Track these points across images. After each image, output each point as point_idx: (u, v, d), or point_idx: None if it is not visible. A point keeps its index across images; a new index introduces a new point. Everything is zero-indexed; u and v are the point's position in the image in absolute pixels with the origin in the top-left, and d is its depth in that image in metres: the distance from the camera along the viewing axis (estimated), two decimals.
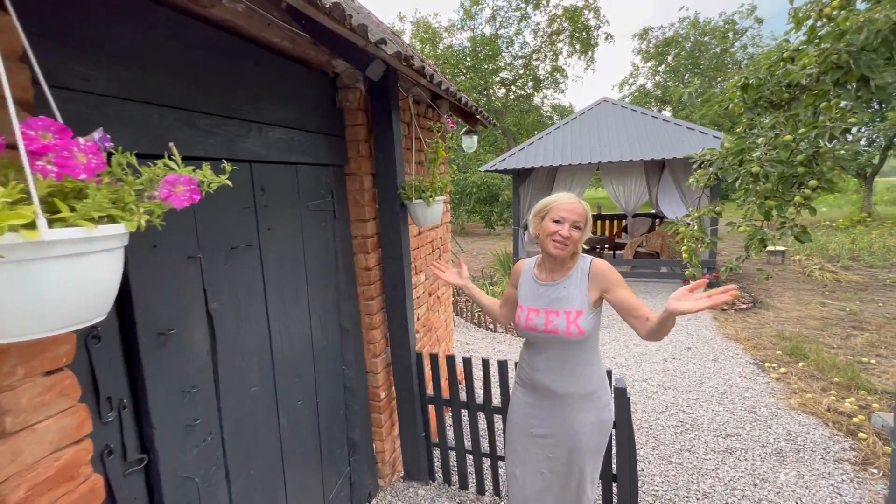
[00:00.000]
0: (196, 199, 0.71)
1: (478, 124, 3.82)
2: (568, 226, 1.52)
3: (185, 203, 0.70)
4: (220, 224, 1.35)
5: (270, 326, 1.59)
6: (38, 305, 0.56)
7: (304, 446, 1.81)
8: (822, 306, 5.75)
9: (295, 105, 1.71)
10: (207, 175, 0.73)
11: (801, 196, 2.32)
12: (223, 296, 1.36)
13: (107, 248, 0.63)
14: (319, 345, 1.93)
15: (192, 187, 0.70)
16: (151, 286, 1.12)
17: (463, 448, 2.45)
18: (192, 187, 0.70)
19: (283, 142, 1.63)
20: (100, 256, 0.62)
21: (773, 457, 2.77)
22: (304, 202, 1.80)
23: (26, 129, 0.58)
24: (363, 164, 2.12)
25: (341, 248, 2.08)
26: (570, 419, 1.63)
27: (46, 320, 0.57)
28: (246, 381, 1.47)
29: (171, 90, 1.16)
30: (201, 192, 0.72)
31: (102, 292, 0.64)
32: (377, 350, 2.29)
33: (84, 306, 0.61)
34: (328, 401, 2.00)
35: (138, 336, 1.08)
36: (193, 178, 0.70)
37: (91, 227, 0.59)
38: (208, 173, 0.73)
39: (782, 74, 2.44)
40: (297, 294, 1.76)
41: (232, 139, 1.38)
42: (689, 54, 20.70)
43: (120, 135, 1.00)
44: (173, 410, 1.18)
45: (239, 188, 1.43)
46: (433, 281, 3.20)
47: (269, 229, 1.57)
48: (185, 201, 0.70)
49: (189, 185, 0.70)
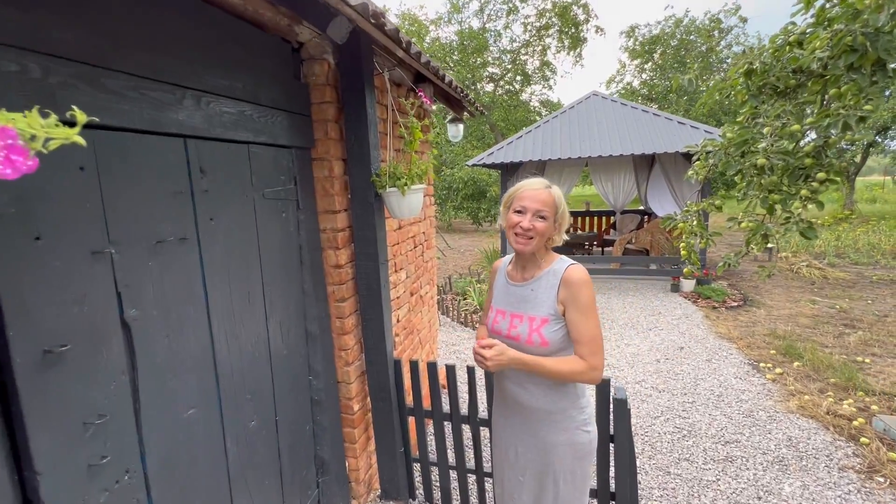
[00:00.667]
0: (19, 166, 0.46)
1: (464, 111, 3.59)
2: (530, 216, 1.32)
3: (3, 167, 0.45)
4: (142, 212, 1.09)
5: (214, 335, 1.33)
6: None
7: (259, 471, 1.56)
8: (813, 304, 5.68)
9: (247, 74, 1.44)
10: (36, 124, 0.47)
11: (808, 189, 2.15)
12: (146, 301, 1.10)
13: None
14: (280, 354, 1.68)
15: (7, 143, 0.45)
16: (34, 290, 0.86)
17: (446, 463, 2.22)
18: (7, 143, 0.45)
19: (230, 116, 1.37)
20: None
21: (775, 465, 2.61)
22: (260, 189, 1.54)
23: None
24: (333, 148, 1.86)
25: (307, 242, 1.83)
26: (539, 437, 1.44)
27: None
28: (179, 403, 1.21)
29: (62, 36, 0.90)
30: (28, 152, 0.47)
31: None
32: (350, 357, 2.05)
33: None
34: (291, 417, 1.75)
35: (12, 356, 0.82)
36: (9, 129, 0.45)
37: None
38: (37, 121, 0.47)
39: (789, 60, 2.26)
40: (251, 296, 1.51)
41: (158, 107, 1.12)
42: (674, 52, 20.74)
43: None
44: (69, 448, 0.93)
45: (168, 168, 1.17)
46: (416, 279, 2.97)
47: (211, 220, 1.32)
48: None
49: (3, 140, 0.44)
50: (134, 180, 1.07)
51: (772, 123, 2.35)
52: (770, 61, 2.37)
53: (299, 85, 1.76)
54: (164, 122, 1.13)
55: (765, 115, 2.41)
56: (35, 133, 0.47)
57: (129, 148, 1.06)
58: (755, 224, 2.31)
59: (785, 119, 2.30)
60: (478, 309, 5.77)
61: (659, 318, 5.43)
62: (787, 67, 2.28)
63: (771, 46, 2.38)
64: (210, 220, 1.31)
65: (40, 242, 0.87)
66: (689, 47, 20.55)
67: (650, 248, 7.58)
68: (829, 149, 2.18)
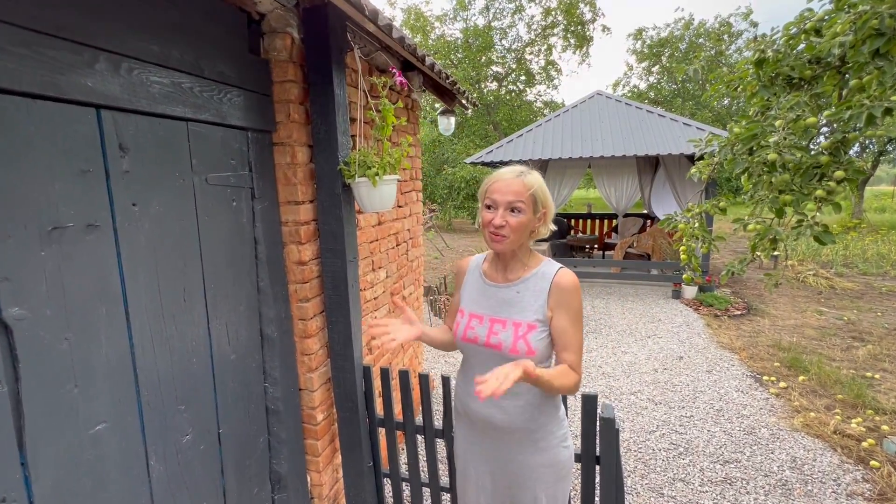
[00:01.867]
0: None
1: (456, 103, 3.41)
2: (501, 210, 1.15)
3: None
4: (32, 192, 0.92)
5: (134, 338, 1.15)
6: None
7: (194, 491, 1.38)
8: (819, 314, 5.47)
9: (187, 41, 1.27)
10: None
11: (824, 190, 1.95)
12: (36, 297, 0.93)
13: None
14: (226, 359, 1.50)
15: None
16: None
17: (419, 480, 2.04)
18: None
19: (163, 87, 1.20)
20: None
21: (778, 489, 2.41)
22: (202, 173, 1.36)
23: None
24: (296, 132, 1.69)
25: (265, 236, 1.65)
26: (517, 462, 1.27)
27: None
28: (83, 417, 1.04)
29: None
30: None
31: None
32: (314, 363, 1.87)
33: None
34: (240, 429, 1.58)
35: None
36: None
37: None
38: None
39: (805, 48, 2.06)
40: (188, 294, 1.33)
41: (61, 70, 0.95)
42: (683, 56, 20.48)
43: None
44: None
45: (73, 142, 1.00)
46: (398, 279, 2.79)
47: (133, 205, 1.14)
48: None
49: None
50: (20, 153, 0.89)
51: (785, 116, 2.16)
52: (784, 50, 2.17)
53: (258, 60, 1.58)
54: (64, 86, 0.95)
55: (777, 107, 2.22)
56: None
57: (13, 115, 0.88)
58: (763, 227, 2.12)
59: (799, 111, 2.10)
60: None
61: (658, 325, 5.23)
62: (802, 56, 2.08)
63: (785, 34, 2.18)
64: (133, 205, 1.14)
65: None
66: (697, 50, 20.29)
67: (652, 252, 7.37)
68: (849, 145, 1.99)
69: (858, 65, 1.84)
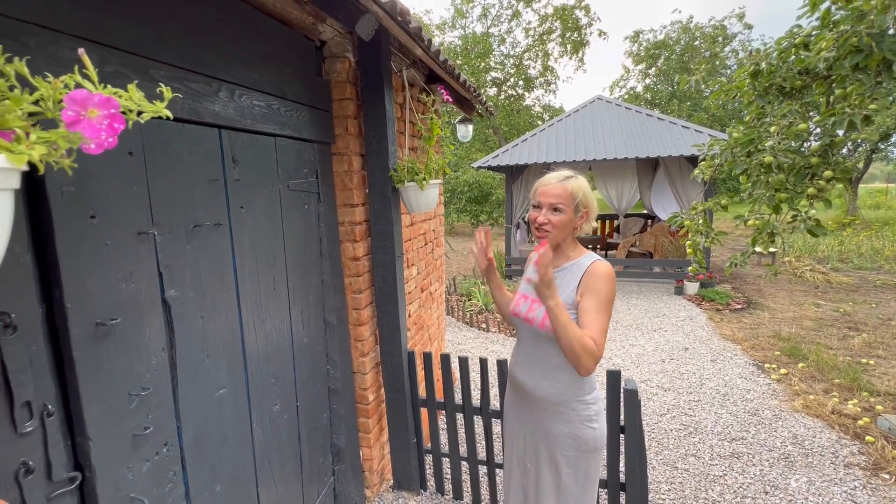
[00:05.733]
0: (118, 130, 0.51)
1: (473, 112, 3.65)
2: (545, 210, 1.36)
3: (103, 134, 0.50)
4: (181, 196, 1.15)
5: (242, 319, 1.38)
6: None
7: (281, 455, 1.60)
8: (816, 307, 5.71)
9: (274, 69, 1.50)
10: (135, 97, 0.53)
11: (815, 188, 2.19)
12: (184, 282, 1.16)
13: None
14: (301, 342, 1.72)
15: (111, 112, 0.50)
16: (88, 265, 0.91)
17: (458, 455, 2.26)
18: (111, 112, 0.50)
19: (260, 109, 1.43)
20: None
21: (781, 462, 2.64)
22: (284, 181, 1.59)
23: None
24: (352, 143, 1.92)
25: (326, 234, 1.88)
26: (543, 427, 1.45)
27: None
28: (212, 383, 1.26)
29: (115, 27, 0.96)
30: (126, 122, 0.52)
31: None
32: (365, 348, 2.09)
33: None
34: (310, 404, 1.80)
35: (69, 327, 0.87)
36: (114, 100, 0.50)
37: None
38: (136, 95, 0.53)
39: (795, 61, 2.31)
40: (276, 284, 1.56)
41: (196, 97, 1.18)
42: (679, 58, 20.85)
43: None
44: (116, 417, 0.97)
45: (205, 157, 1.23)
46: (426, 276, 3.01)
47: (241, 208, 1.37)
48: (100, 130, 0.50)
49: (107, 109, 0.50)
50: (175, 167, 1.12)
51: (779, 122, 2.40)
52: (776, 63, 2.42)
53: (321, 82, 1.82)
54: (201, 111, 1.18)
55: (772, 114, 2.46)
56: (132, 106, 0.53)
57: (171, 136, 1.11)
58: (762, 222, 2.35)
59: (791, 118, 2.35)
60: (483, 310, 5.81)
61: (663, 319, 5.46)
62: (793, 68, 2.33)
63: (777, 48, 2.43)
64: (241, 207, 1.37)
65: (95, 221, 0.92)
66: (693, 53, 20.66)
67: (654, 251, 7.61)
68: (836, 148, 2.23)
69: (841, 77, 2.10)
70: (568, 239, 1.42)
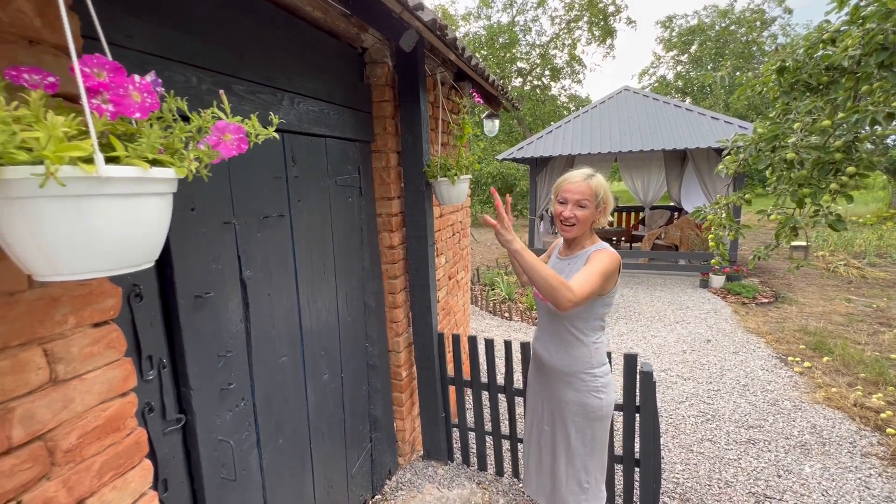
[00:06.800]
0: (244, 149, 0.70)
1: (500, 107, 3.77)
2: (571, 206, 1.51)
3: (234, 152, 0.69)
4: (253, 192, 1.35)
5: (299, 298, 1.59)
6: (93, 243, 0.55)
7: (329, 419, 1.82)
8: (848, 302, 5.60)
9: (324, 77, 1.69)
10: (255, 125, 0.72)
11: (838, 183, 2.24)
12: (256, 264, 1.37)
13: (157, 192, 0.62)
14: (345, 321, 1.93)
15: (240, 136, 0.69)
16: (189, 249, 1.12)
17: (483, 429, 2.45)
18: (240, 136, 0.69)
19: (313, 113, 1.62)
20: (151, 200, 0.61)
21: (797, 449, 2.71)
22: (332, 176, 1.79)
23: (82, 66, 0.57)
24: (390, 141, 2.10)
25: (366, 225, 2.08)
26: (555, 394, 1.66)
27: (101, 259, 0.57)
28: (276, 351, 1.48)
29: (208, 53, 1.15)
30: (249, 143, 0.71)
31: (152, 237, 0.64)
32: (399, 329, 2.29)
33: (135, 249, 0.61)
34: (352, 376, 2.01)
35: (177, 297, 1.09)
36: (242, 127, 0.69)
37: (146, 167, 0.58)
38: (256, 124, 0.72)
39: (821, 57, 2.34)
40: (325, 268, 1.76)
41: (266, 107, 1.37)
42: (713, 43, 20.09)
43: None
44: (209, 373, 1.20)
45: (271, 157, 1.43)
46: (453, 265, 3.19)
47: (299, 201, 1.57)
48: (233, 150, 0.69)
49: (238, 134, 0.69)
50: (250, 167, 1.32)
51: (802, 119, 2.44)
52: (803, 58, 2.45)
53: (363, 86, 2.00)
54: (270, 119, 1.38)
55: (796, 110, 2.50)
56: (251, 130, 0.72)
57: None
58: (784, 217, 2.41)
59: (816, 115, 2.39)
60: (506, 299, 5.96)
61: (686, 312, 5.49)
62: (820, 64, 2.37)
63: (805, 44, 2.46)
64: (298, 201, 1.57)
65: (194, 213, 1.13)
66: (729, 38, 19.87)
67: (680, 243, 7.56)
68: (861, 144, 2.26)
69: (866, 74, 2.14)
70: (587, 231, 1.57)
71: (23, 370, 0.72)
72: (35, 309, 0.73)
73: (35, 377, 0.74)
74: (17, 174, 0.48)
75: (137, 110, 0.59)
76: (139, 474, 0.91)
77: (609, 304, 1.56)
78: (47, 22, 0.75)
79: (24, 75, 0.58)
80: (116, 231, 0.56)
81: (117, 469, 0.86)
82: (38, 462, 0.74)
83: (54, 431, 0.76)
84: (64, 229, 0.52)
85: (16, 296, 0.71)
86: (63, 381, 0.78)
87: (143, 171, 0.57)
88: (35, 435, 0.74)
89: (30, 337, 0.73)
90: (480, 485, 2.38)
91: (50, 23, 0.75)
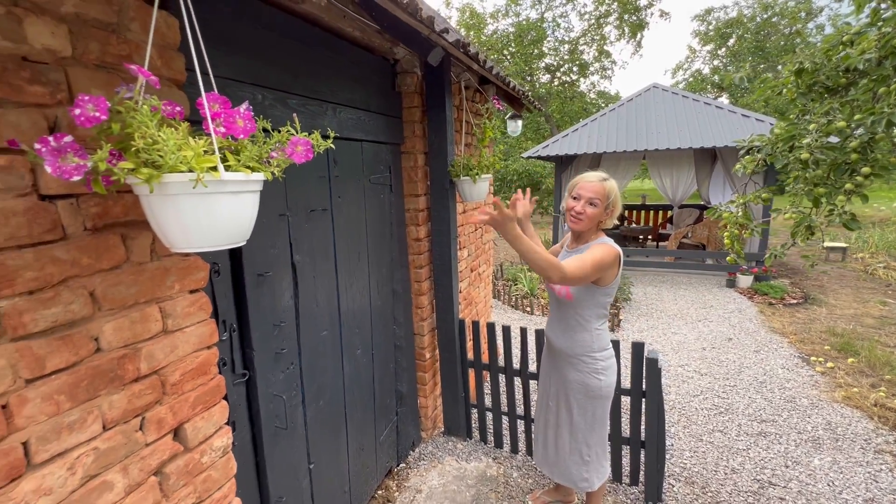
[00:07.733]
0: (310, 157, 0.93)
1: (523, 108, 3.93)
2: (583, 202, 1.67)
3: (303, 159, 0.92)
4: (303, 189, 1.59)
5: (338, 281, 1.83)
6: (215, 226, 0.79)
7: (361, 390, 2.07)
8: (883, 305, 5.45)
9: (361, 88, 1.92)
10: (318, 139, 0.95)
11: (853, 183, 2.30)
12: (304, 250, 1.61)
13: (252, 191, 0.86)
14: (375, 304, 2.17)
15: (308, 147, 0.92)
16: (254, 235, 1.36)
17: (499, 410, 2.64)
18: (308, 147, 0.92)
19: (352, 121, 1.85)
20: (249, 196, 0.85)
21: (808, 443, 2.78)
22: (367, 176, 2.02)
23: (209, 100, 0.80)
24: (417, 143, 2.31)
25: (396, 219, 2.30)
26: (561, 373, 1.84)
27: (218, 237, 0.81)
28: (319, 325, 1.72)
29: (268, 74, 1.40)
30: (314, 152, 0.94)
31: (248, 221, 0.87)
32: (424, 314, 2.52)
33: (238, 229, 0.84)
34: (381, 354, 2.25)
35: (244, 274, 1.34)
36: (309, 141, 0.92)
37: (248, 172, 0.81)
38: (318, 138, 0.95)
39: (840, 59, 2.39)
40: (360, 257, 2.00)
41: (314, 117, 1.61)
42: (753, 36, 19.32)
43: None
44: (266, 339, 1.45)
45: (317, 160, 1.67)
46: (475, 258, 3.39)
47: (339, 197, 1.81)
48: (302, 158, 0.92)
49: (306, 146, 0.91)
50: (300, 168, 1.56)
51: (818, 120, 2.51)
52: (821, 60, 2.51)
53: (395, 94, 2.22)
54: (316, 127, 1.62)
55: (812, 112, 2.56)
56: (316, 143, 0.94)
57: None
58: (799, 216, 2.49)
59: (832, 116, 2.45)
60: (528, 294, 6.10)
61: (710, 310, 5.48)
62: (838, 66, 2.43)
63: (824, 46, 2.52)
64: (338, 197, 1.81)
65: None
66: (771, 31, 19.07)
67: (707, 242, 7.47)
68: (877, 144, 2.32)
69: (883, 77, 2.21)
70: (593, 228, 1.73)
71: (147, 321, 0.97)
72: (154, 276, 0.99)
73: (154, 326, 0.99)
74: (176, 179, 0.72)
75: (241, 132, 0.83)
76: (219, 410, 1.16)
77: (610, 294, 1.72)
78: (165, 63, 1.00)
79: (164, 106, 0.82)
80: (228, 217, 0.80)
81: (205, 404, 1.12)
82: (155, 390, 1.00)
83: (165, 369, 1.02)
84: (197, 216, 0.76)
85: (143, 265, 0.97)
86: (171, 331, 1.03)
87: (246, 175, 0.81)
88: (153, 370, 0.99)
89: (151, 296, 0.98)
90: (496, 460, 2.58)
91: (167, 63, 1.00)
